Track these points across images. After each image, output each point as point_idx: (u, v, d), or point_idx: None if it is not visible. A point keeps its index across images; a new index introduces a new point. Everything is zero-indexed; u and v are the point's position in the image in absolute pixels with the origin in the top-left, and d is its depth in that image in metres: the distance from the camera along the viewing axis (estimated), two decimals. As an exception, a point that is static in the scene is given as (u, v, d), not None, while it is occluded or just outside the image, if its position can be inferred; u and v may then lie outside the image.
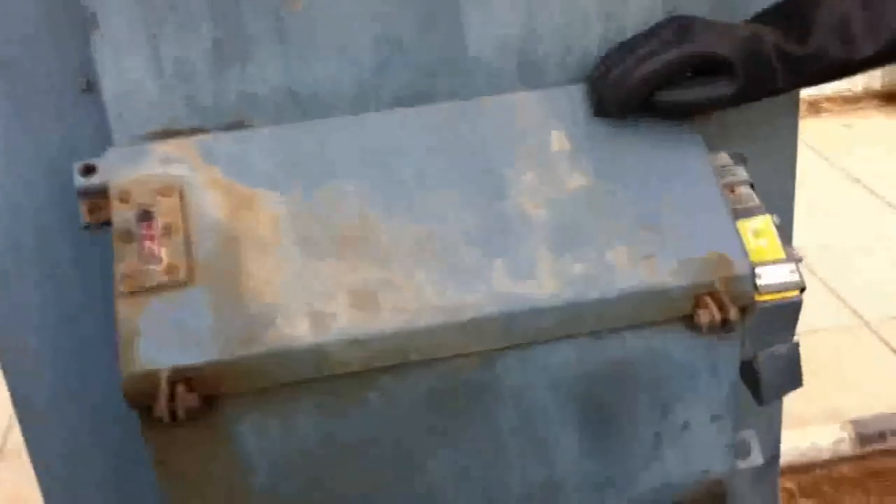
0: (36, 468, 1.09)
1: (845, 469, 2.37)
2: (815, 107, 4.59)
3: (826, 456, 2.41)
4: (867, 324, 2.98)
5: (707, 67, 0.89)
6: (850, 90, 4.67)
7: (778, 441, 1.18)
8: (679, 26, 0.90)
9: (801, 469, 2.33)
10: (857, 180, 3.92)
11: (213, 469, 0.83)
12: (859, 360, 2.79)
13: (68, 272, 1.01)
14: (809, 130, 3.57)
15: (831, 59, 0.88)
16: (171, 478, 0.83)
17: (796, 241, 1.07)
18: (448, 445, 0.88)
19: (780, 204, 1.04)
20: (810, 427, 2.45)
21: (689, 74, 0.90)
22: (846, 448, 2.44)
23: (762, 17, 0.92)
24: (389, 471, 0.87)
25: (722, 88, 0.89)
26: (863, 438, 2.45)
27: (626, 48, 0.91)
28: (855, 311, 3.05)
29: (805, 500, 2.21)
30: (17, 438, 1.96)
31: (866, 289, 3.12)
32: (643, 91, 0.89)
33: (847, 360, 2.77)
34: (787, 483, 2.24)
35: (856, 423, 2.48)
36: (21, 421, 1.07)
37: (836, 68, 0.89)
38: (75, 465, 1.09)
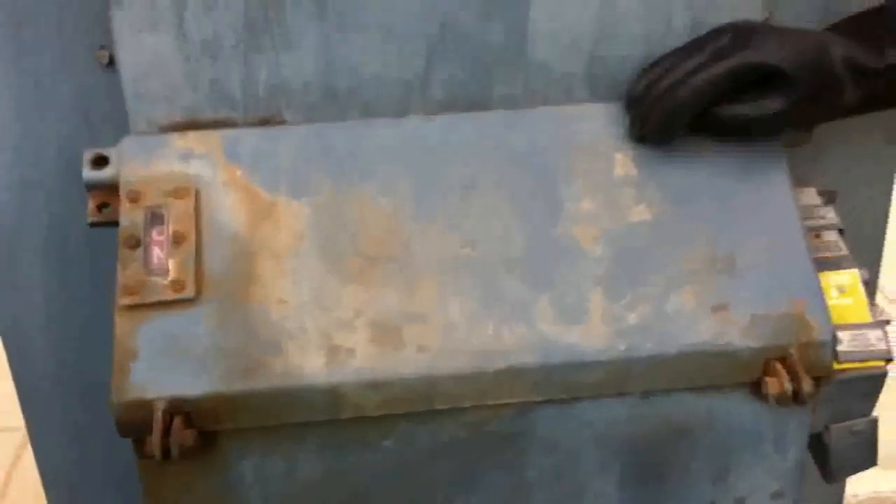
0: (38, 459, 1.04)
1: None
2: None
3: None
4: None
5: (765, 80, 0.76)
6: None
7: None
8: (736, 33, 0.77)
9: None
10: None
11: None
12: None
13: (79, 261, 0.94)
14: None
15: None
16: (162, 508, 0.76)
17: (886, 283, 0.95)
18: (467, 496, 0.79)
19: (867, 250, 0.92)
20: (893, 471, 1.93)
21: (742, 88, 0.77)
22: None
23: (837, 27, 0.79)
24: (402, 520, 0.78)
25: (774, 103, 0.76)
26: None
27: (672, 60, 0.78)
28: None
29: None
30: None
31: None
32: (694, 107, 0.76)
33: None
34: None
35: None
36: (24, 409, 1.01)
37: None
38: (77, 456, 1.03)
